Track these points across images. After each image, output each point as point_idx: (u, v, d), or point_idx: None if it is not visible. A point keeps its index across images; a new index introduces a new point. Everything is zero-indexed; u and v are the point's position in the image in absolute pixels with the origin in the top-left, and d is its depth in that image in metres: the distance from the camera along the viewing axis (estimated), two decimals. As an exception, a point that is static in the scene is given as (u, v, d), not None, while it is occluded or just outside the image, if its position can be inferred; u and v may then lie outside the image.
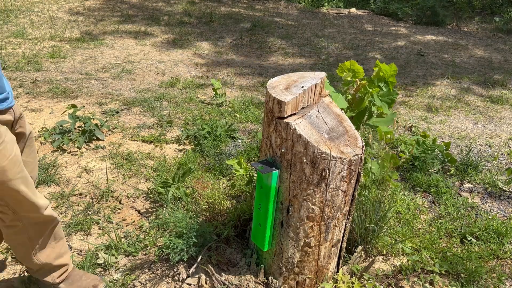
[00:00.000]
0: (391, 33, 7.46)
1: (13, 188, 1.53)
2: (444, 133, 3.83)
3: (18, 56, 4.84)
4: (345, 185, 1.62)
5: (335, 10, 9.09)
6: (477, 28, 8.39)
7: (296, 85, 1.65)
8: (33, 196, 1.64)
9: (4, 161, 1.48)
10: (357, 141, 1.61)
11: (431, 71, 5.56)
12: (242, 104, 4.09)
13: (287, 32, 7.00)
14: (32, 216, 1.67)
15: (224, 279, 1.85)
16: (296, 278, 1.82)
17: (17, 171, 1.53)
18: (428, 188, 2.88)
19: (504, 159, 3.41)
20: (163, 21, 6.92)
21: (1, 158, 1.47)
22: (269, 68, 5.36)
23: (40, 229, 1.77)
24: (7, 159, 1.48)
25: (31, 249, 1.77)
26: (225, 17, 7.57)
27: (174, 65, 5.18)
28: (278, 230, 1.73)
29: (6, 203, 1.58)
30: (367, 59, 5.83)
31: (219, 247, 2.02)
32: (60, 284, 1.92)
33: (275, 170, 1.60)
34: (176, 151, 3.25)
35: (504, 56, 6.53)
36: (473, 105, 4.55)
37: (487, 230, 2.42)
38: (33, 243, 1.77)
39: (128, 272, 2.07)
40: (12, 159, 1.50)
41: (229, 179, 2.88)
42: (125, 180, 2.86)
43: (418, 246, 2.28)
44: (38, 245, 1.78)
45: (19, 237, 1.72)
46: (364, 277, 2.01)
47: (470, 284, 2.05)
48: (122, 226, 2.42)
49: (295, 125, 1.52)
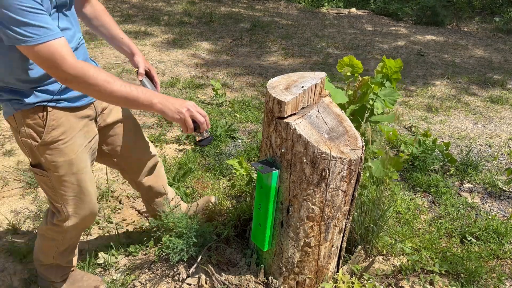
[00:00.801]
0: (391, 33, 7.46)
1: (77, 182, 1.59)
2: (444, 133, 3.83)
3: (18, 56, 4.83)
4: (345, 185, 1.62)
5: (335, 10, 9.09)
6: (477, 28, 8.40)
7: (296, 85, 1.65)
8: (93, 196, 1.68)
9: (72, 155, 1.54)
10: (357, 141, 1.61)
11: (431, 71, 5.56)
12: (242, 104, 4.09)
13: (287, 32, 7.00)
14: (82, 217, 1.68)
15: (224, 279, 1.85)
16: (296, 278, 1.83)
17: (83, 166, 1.59)
18: (428, 188, 2.88)
19: (504, 159, 3.41)
20: (163, 21, 6.92)
21: (70, 151, 1.53)
22: (269, 68, 5.36)
23: (77, 234, 1.79)
24: (75, 153, 1.55)
25: (57, 248, 1.79)
26: (225, 17, 7.57)
27: (174, 65, 5.19)
28: (278, 230, 1.73)
29: (65, 201, 1.61)
30: (367, 59, 5.83)
31: (219, 247, 2.02)
32: (61, 283, 1.92)
33: (275, 170, 1.60)
34: (176, 151, 3.25)
35: (504, 56, 6.53)
36: (473, 105, 4.56)
37: (487, 230, 2.42)
38: (64, 244, 1.80)
39: (128, 272, 2.08)
40: (79, 153, 1.56)
41: (229, 179, 2.88)
42: (125, 180, 2.86)
43: (418, 246, 2.28)
44: (65, 246, 1.81)
45: (57, 235, 1.74)
46: (364, 277, 2.01)
47: (470, 284, 2.05)
48: (122, 226, 2.42)
49: (295, 125, 1.52)
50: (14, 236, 2.31)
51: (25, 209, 2.53)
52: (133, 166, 1.94)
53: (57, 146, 1.51)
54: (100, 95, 1.37)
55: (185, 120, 1.43)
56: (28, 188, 2.72)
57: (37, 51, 1.24)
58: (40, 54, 1.25)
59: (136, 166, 1.94)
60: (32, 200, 2.61)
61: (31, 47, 1.22)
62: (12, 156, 3.03)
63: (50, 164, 1.52)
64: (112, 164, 1.91)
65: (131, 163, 1.91)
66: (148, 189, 2.05)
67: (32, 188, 2.71)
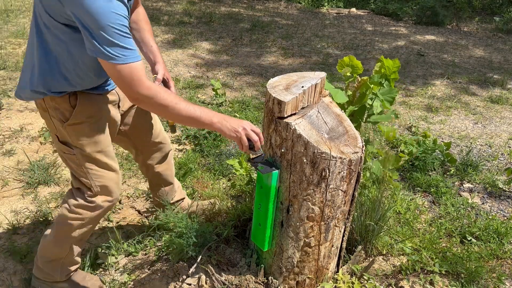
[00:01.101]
0: (391, 33, 7.46)
1: (102, 159, 1.72)
2: (444, 133, 3.83)
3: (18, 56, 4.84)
4: (345, 185, 1.62)
5: (335, 10, 9.09)
6: (477, 28, 8.39)
7: (296, 85, 1.65)
8: (116, 174, 1.80)
9: (97, 135, 1.68)
10: (357, 141, 1.61)
11: (431, 71, 5.56)
12: (242, 104, 4.09)
13: (287, 32, 7.00)
14: (108, 192, 1.78)
15: (224, 279, 1.85)
16: (296, 278, 1.82)
17: (107, 145, 1.74)
18: (428, 188, 2.88)
19: (504, 159, 3.41)
20: (163, 21, 6.92)
21: (95, 132, 1.67)
22: (269, 68, 5.36)
23: (102, 213, 1.84)
24: (100, 134, 1.69)
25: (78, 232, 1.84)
26: (225, 17, 7.57)
27: (174, 65, 5.18)
28: (278, 230, 1.73)
29: (92, 177, 1.72)
30: (367, 59, 5.83)
31: (219, 247, 2.02)
32: (64, 283, 1.93)
33: (275, 170, 1.60)
34: (176, 151, 3.25)
35: (504, 56, 6.53)
36: (473, 105, 4.55)
37: (487, 230, 2.42)
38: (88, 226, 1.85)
39: (128, 272, 2.08)
40: (104, 133, 1.72)
41: (229, 179, 2.88)
42: (125, 180, 2.86)
43: (418, 246, 2.27)
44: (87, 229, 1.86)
45: (86, 213, 1.78)
46: (364, 277, 2.01)
47: (470, 284, 2.05)
48: (122, 226, 2.42)
49: (295, 125, 1.52)
50: (14, 236, 2.31)
51: (25, 209, 2.53)
52: (149, 148, 2.05)
53: (84, 128, 1.63)
54: (168, 114, 1.53)
55: (241, 139, 1.52)
56: (28, 188, 2.72)
57: (119, 70, 1.38)
58: (121, 73, 1.39)
59: (151, 149, 2.07)
60: (32, 200, 2.61)
61: (115, 65, 1.37)
62: (12, 156, 3.03)
63: (77, 142, 1.65)
64: (128, 144, 2.03)
65: (147, 145, 2.03)
66: (157, 175, 2.15)
67: (32, 188, 2.71)
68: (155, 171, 2.14)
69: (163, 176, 2.17)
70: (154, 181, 2.20)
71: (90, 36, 1.33)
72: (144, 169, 2.16)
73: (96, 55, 1.38)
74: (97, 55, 1.37)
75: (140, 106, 1.50)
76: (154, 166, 2.12)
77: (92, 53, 1.38)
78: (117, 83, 1.45)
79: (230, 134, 1.52)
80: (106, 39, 1.33)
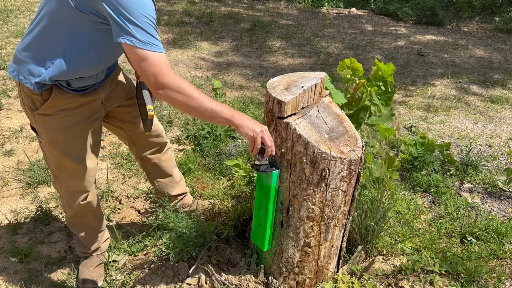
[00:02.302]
0: (391, 33, 7.46)
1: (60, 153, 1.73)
2: (444, 133, 3.83)
3: (18, 56, 4.83)
4: (345, 185, 1.62)
5: (335, 10, 9.08)
6: (477, 28, 8.39)
7: (296, 85, 1.65)
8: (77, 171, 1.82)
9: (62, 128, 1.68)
10: (357, 141, 1.61)
11: (431, 71, 5.56)
12: (242, 104, 4.09)
13: (287, 32, 7.00)
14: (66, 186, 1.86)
15: (224, 279, 1.85)
16: (296, 278, 1.82)
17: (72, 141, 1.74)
18: (428, 188, 2.88)
19: (504, 159, 3.41)
20: (163, 21, 6.92)
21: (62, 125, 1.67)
22: (269, 68, 5.36)
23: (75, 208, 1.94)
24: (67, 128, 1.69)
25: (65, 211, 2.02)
26: (225, 17, 7.57)
27: (174, 65, 5.18)
28: (278, 230, 1.73)
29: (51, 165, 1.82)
30: (367, 59, 5.83)
31: (219, 247, 2.02)
32: (82, 258, 2.10)
33: (275, 170, 1.60)
34: (176, 151, 3.25)
35: (504, 56, 6.52)
36: (473, 105, 4.55)
37: (487, 230, 2.42)
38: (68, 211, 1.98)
39: (128, 272, 2.08)
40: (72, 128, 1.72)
41: (229, 179, 2.88)
42: (125, 180, 2.86)
43: (418, 246, 2.28)
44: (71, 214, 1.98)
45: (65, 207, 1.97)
46: (364, 277, 2.01)
47: (470, 284, 2.05)
48: (122, 226, 2.42)
49: (295, 125, 1.52)
50: (14, 236, 2.31)
51: (25, 209, 2.53)
52: (143, 139, 2.07)
53: (51, 120, 1.64)
54: (189, 107, 1.51)
55: (256, 140, 1.51)
56: (28, 188, 2.72)
57: (149, 57, 1.40)
58: (150, 61, 1.41)
59: (145, 140, 2.08)
60: (32, 200, 2.61)
61: (146, 51, 1.40)
62: (12, 156, 3.03)
63: (41, 131, 1.68)
64: (121, 136, 2.07)
65: (141, 136, 2.05)
66: (153, 166, 2.18)
67: (32, 188, 2.71)
68: (152, 162, 2.16)
69: (160, 167, 2.19)
70: (152, 173, 2.22)
71: (123, 23, 1.36)
72: (139, 160, 2.19)
73: (127, 42, 1.38)
74: (130, 41, 1.38)
75: (162, 97, 1.48)
76: (148, 157, 2.14)
77: (123, 39, 1.38)
78: (142, 72, 1.44)
79: (247, 132, 1.51)
80: (140, 27, 1.37)
